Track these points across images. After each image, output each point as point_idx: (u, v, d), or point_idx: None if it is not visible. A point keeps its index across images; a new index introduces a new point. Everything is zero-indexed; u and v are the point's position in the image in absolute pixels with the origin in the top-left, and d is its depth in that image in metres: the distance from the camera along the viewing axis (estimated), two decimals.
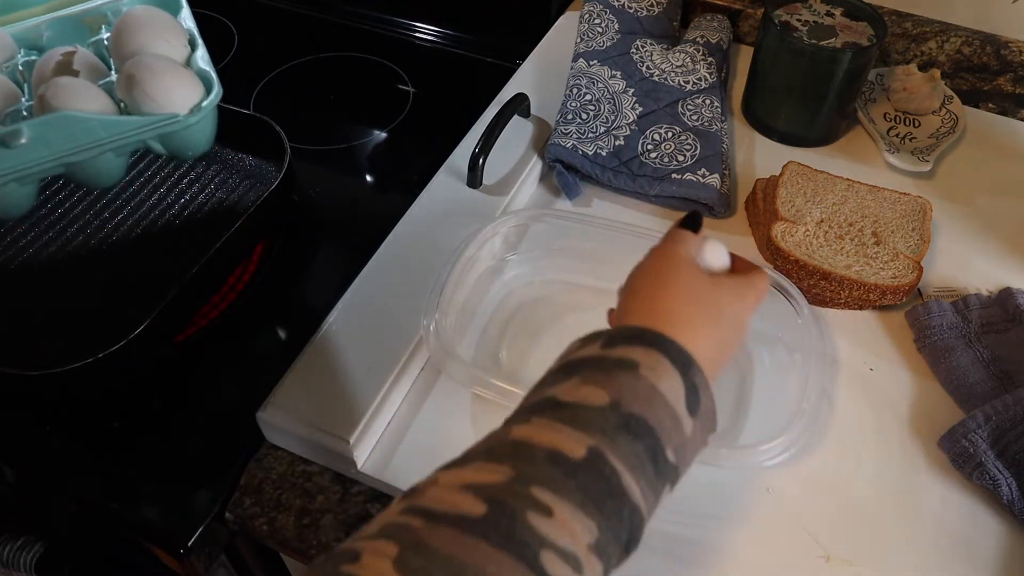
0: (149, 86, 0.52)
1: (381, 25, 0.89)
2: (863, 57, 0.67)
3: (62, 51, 0.56)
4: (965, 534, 0.48)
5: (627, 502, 0.33)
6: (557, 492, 0.32)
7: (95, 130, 0.52)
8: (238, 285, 0.62)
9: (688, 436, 0.36)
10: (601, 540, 0.32)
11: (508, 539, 0.30)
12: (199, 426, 0.55)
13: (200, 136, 0.57)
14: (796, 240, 0.59)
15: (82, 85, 0.53)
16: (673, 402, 0.36)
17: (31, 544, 0.58)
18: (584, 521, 0.32)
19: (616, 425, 0.34)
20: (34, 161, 0.51)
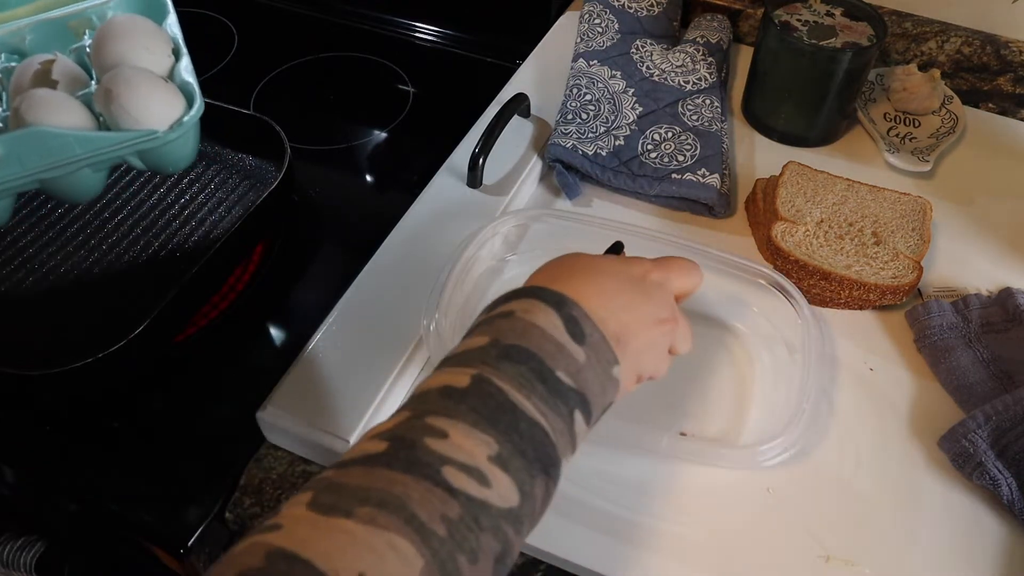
0: (127, 101, 0.50)
1: (381, 25, 0.89)
2: (863, 57, 0.67)
3: (41, 59, 0.55)
4: (965, 534, 0.48)
5: (521, 416, 0.35)
6: (450, 416, 0.34)
7: (70, 146, 0.50)
8: (238, 285, 0.62)
9: (582, 363, 0.37)
10: (503, 453, 0.33)
11: (410, 463, 0.32)
12: (199, 426, 0.55)
13: (181, 152, 0.55)
14: (796, 240, 0.59)
15: (59, 98, 0.51)
16: (551, 331, 0.37)
17: (31, 544, 0.58)
18: (479, 437, 0.33)
19: (497, 356, 0.36)
20: (6, 177, 0.49)
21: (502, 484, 0.33)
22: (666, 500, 0.48)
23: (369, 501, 0.30)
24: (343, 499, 0.30)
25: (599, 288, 0.41)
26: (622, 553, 0.46)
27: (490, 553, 0.32)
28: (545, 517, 0.47)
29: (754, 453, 0.49)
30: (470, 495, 0.32)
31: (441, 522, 0.30)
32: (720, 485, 0.49)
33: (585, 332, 0.38)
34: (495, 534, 0.32)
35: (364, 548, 0.29)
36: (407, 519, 0.30)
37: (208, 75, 0.83)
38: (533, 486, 0.34)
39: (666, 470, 0.50)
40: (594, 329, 0.39)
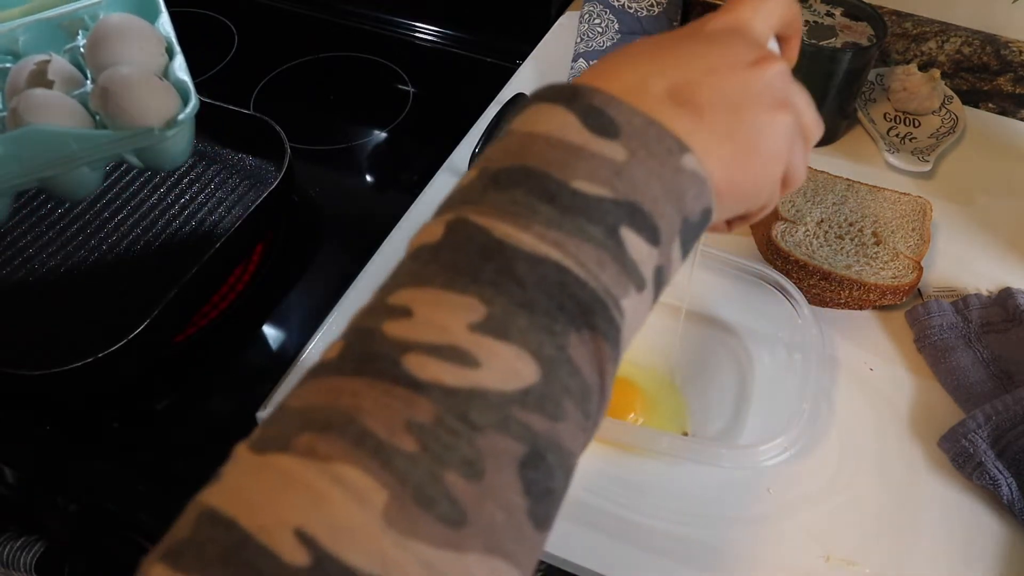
0: (123, 99, 0.51)
1: (381, 25, 0.89)
2: (863, 57, 0.67)
3: (36, 60, 0.55)
4: (965, 534, 0.48)
5: (517, 255, 0.24)
6: (416, 285, 0.24)
7: (68, 144, 0.50)
8: (238, 285, 0.62)
9: (621, 161, 0.26)
10: (494, 314, 0.23)
11: (361, 362, 0.23)
12: (199, 426, 0.55)
13: (176, 149, 0.56)
14: (796, 240, 0.59)
15: (55, 98, 0.52)
16: (560, 134, 0.26)
17: (31, 544, 0.58)
18: (455, 301, 0.23)
19: (482, 188, 0.26)
20: (5, 176, 0.50)
21: (500, 357, 0.23)
22: (666, 500, 0.48)
23: (310, 424, 0.22)
24: (282, 428, 0.23)
25: (633, 58, 0.29)
26: (622, 553, 0.46)
27: (504, 458, 0.22)
28: None
29: (754, 453, 0.49)
30: (446, 386, 0.22)
31: (407, 432, 0.21)
32: (720, 485, 0.49)
33: (616, 120, 0.26)
34: (504, 429, 0.22)
35: (301, 491, 0.21)
36: (357, 439, 0.21)
37: (208, 75, 0.83)
38: (564, 348, 0.24)
39: (666, 470, 0.50)
40: (632, 113, 0.27)
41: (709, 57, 0.29)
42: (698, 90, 0.28)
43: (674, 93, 0.28)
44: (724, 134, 0.28)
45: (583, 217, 0.25)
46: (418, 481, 0.21)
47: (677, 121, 0.27)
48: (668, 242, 0.27)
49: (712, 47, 0.30)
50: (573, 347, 0.24)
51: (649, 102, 0.27)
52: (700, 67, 0.29)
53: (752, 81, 0.29)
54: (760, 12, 0.32)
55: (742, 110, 0.29)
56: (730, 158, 0.28)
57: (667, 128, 0.27)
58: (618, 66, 0.29)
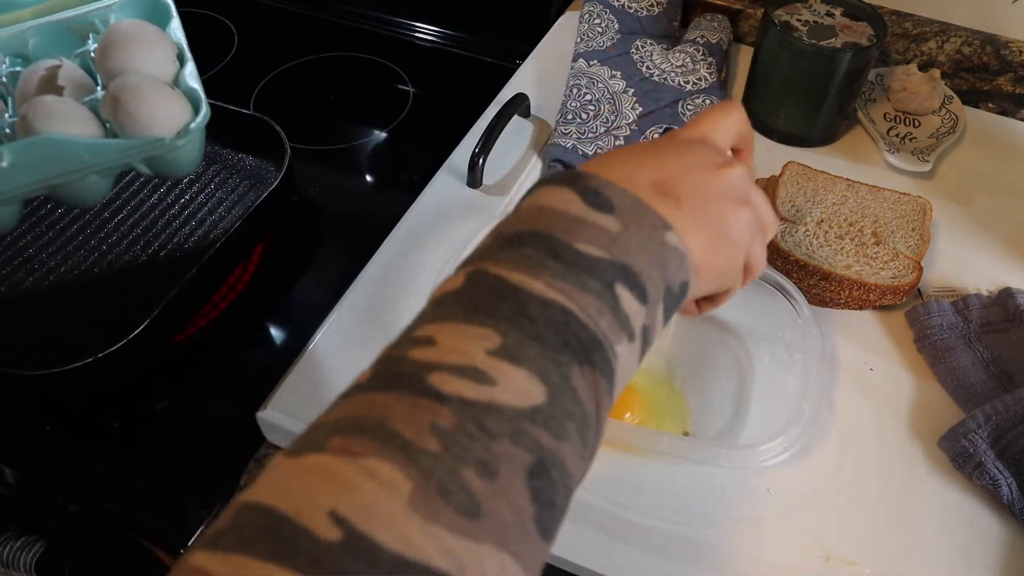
0: (134, 108, 0.50)
1: (381, 25, 0.89)
2: (863, 57, 0.67)
3: (47, 65, 0.55)
4: (965, 534, 0.48)
5: (528, 298, 0.28)
6: (439, 321, 0.28)
7: (79, 153, 0.50)
8: (238, 285, 0.62)
9: (616, 231, 0.31)
10: (508, 344, 0.27)
11: (390, 380, 0.27)
12: (199, 426, 0.55)
13: (187, 158, 0.55)
14: (796, 240, 0.59)
15: (66, 105, 0.52)
16: (564, 208, 0.31)
17: (31, 544, 0.58)
18: (475, 332, 0.27)
19: (498, 247, 0.31)
20: (16, 184, 0.50)
21: (514, 379, 0.26)
22: (666, 500, 0.48)
23: (342, 430, 0.25)
24: (317, 435, 0.26)
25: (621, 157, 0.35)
26: (622, 553, 0.46)
27: (515, 465, 0.25)
28: None
29: (754, 453, 0.49)
30: (466, 399, 0.26)
31: (432, 434, 0.25)
32: (720, 485, 0.49)
33: (612, 200, 0.31)
34: (515, 440, 0.25)
35: (336, 481, 0.24)
36: (386, 439, 0.24)
37: (208, 75, 0.83)
38: (568, 377, 0.27)
39: (666, 470, 0.50)
40: (623, 195, 0.32)
41: (683, 159, 0.35)
42: (677, 184, 0.34)
43: (657, 185, 0.33)
44: (699, 221, 0.34)
45: (585, 273, 0.29)
46: (440, 475, 0.24)
47: (661, 206, 0.33)
48: (654, 303, 0.31)
49: (685, 152, 0.36)
50: (575, 378, 0.28)
51: (637, 189, 0.33)
52: (677, 166, 0.35)
53: (719, 180, 0.35)
54: (719, 128, 0.39)
55: (711, 203, 0.34)
56: (704, 241, 0.34)
57: (653, 209, 0.32)
58: (609, 162, 0.34)
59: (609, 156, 0.35)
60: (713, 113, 0.40)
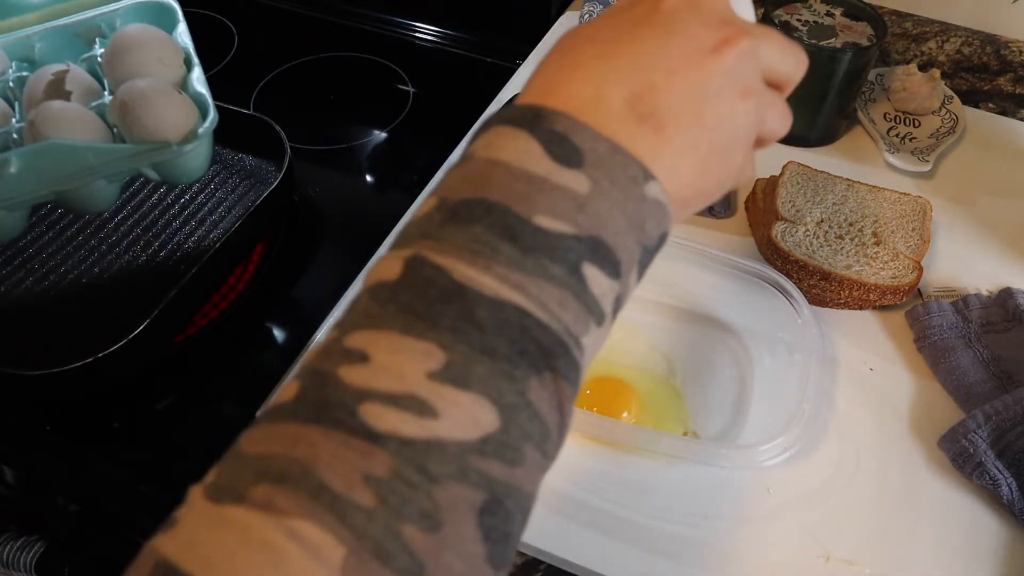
0: (142, 113, 0.50)
1: (381, 25, 0.89)
2: (863, 57, 0.67)
3: (54, 70, 0.55)
4: (965, 534, 0.48)
5: (478, 300, 0.24)
6: (374, 327, 0.24)
7: (86, 159, 0.50)
8: (238, 285, 0.62)
9: (584, 193, 0.25)
10: (454, 362, 0.23)
11: (318, 409, 0.23)
12: (199, 426, 0.55)
13: (194, 163, 0.55)
14: (796, 240, 0.59)
15: (73, 110, 0.52)
16: (522, 163, 0.25)
17: (31, 544, 0.58)
18: (414, 348, 0.23)
19: (440, 222, 0.25)
20: (23, 190, 0.50)
21: (459, 406, 0.23)
22: (666, 500, 0.48)
23: (267, 475, 0.22)
24: (239, 476, 0.22)
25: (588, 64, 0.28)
26: (622, 553, 0.46)
27: (463, 508, 0.22)
28: (545, 517, 0.47)
29: (754, 453, 0.49)
30: (404, 437, 0.22)
31: (365, 485, 0.21)
32: (720, 485, 0.49)
33: (581, 148, 0.26)
34: (462, 479, 0.22)
35: (257, 547, 0.21)
36: (313, 492, 0.21)
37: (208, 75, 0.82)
38: (525, 392, 0.24)
39: (666, 470, 0.50)
40: (596, 139, 0.26)
41: (667, 51, 0.28)
42: (659, 95, 0.27)
43: (634, 103, 0.27)
44: (688, 146, 0.28)
45: (545, 256, 0.25)
46: (376, 536, 0.21)
47: (640, 142, 0.27)
48: (627, 272, 0.27)
49: (671, 37, 0.28)
50: (533, 391, 0.24)
51: (610, 120, 0.26)
52: (659, 67, 0.27)
53: (714, 73, 0.28)
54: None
55: (705, 110, 0.28)
56: (693, 169, 0.28)
57: (631, 154, 0.26)
58: (573, 72, 0.28)
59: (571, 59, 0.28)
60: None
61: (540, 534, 0.46)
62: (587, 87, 0.27)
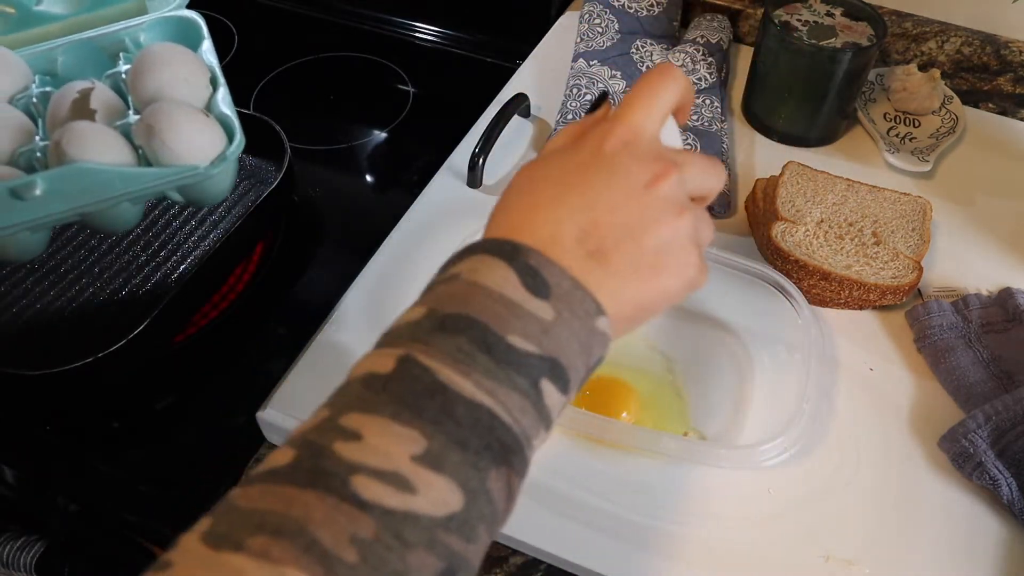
0: (168, 137, 0.50)
1: (381, 25, 0.89)
2: (863, 57, 0.67)
3: (79, 87, 0.54)
4: (965, 534, 0.48)
5: (457, 399, 0.28)
6: (367, 411, 0.28)
7: (112, 182, 0.49)
8: (238, 285, 0.62)
9: (549, 320, 0.30)
10: (433, 449, 0.27)
11: (313, 476, 0.26)
12: (199, 426, 0.55)
13: (219, 187, 0.55)
14: (796, 240, 0.59)
15: (99, 131, 0.51)
16: (501, 289, 0.30)
17: (31, 544, 0.58)
18: (401, 432, 0.27)
19: (429, 329, 0.30)
20: (49, 212, 0.49)
21: (434, 487, 0.27)
22: (666, 500, 0.48)
23: (264, 528, 0.25)
24: (236, 527, 0.26)
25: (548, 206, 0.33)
26: (622, 553, 0.46)
27: (427, 573, 0.26)
28: (545, 517, 0.47)
29: (754, 453, 0.49)
30: (387, 507, 0.26)
31: (351, 545, 0.25)
32: (720, 485, 0.49)
33: (549, 282, 0.31)
34: (430, 548, 0.26)
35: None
36: (306, 547, 0.25)
37: None
38: (485, 481, 0.28)
39: (666, 470, 0.50)
40: (560, 275, 0.31)
41: (610, 191, 0.33)
42: (605, 233, 0.32)
43: (584, 240, 0.32)
44: (630, 271, 0.33)
45: (513, 369, 0.29)
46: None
47: (590, 275, 0.32)
48: (573, 389, 0.32)
49: (612, 178, 0.33)
50: (492, 480, 0.28)
51: (566, 256, 0.32)
52: (603, 206, 0.33)
53: (650, 203, 0.33)
54: (654, 110, 0.35)
55: (644, 237, 0.33)
56: (636, 289, 0.33)
57: (587, 290, 0.31)
58: (535, 212, 0.33)
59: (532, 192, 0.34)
60: (646, 90, 0.35)
61: (540, 534, 0.46)
62: (546, 226, 0.32)
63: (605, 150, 0.34)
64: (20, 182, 0.47)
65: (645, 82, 0.36)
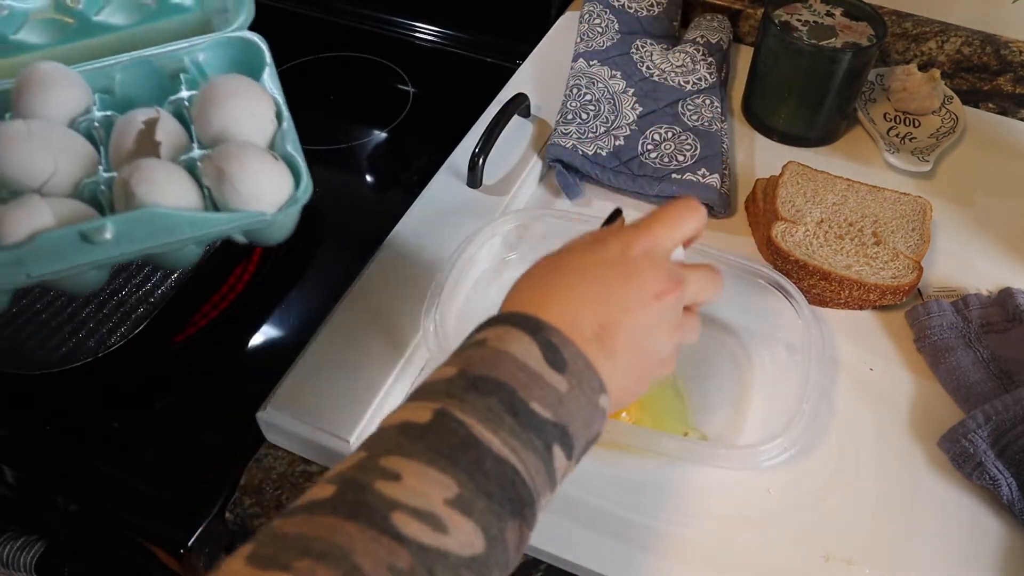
0: (239, 182, 0.49)
1: (381, 25, 0.89)
2: (863, 57, 0.68)
3: (143, 116, 0.53)
4: (965, 534, 0.48)
5: (487, 453, 0.32)
6: (406, 456, 0.31)
7: (181, 227, 0.49)
8: (238, 285, 0.62)
9: (564, 392, 0.34)
10: (464, 495, 0.31)
11: (356, 508, 0.29)
12: (199, 426, 0.55)
13: (284, 230, 0.54)
14: (796, 240, 0.59)
15: (167, 171, 0.50)
16: (525, 359, 0.34)
17: (31, 544, 0.58)
18: (437, 477, 0.31)
19: (463, 387, 0.34)
20: (115, 253, 0.48)
21: (463, 530, 0.30)
22: (666, 500, 0.48)
23: (310, 552, 0.28)
24: (282, 550, 0.28)
25: (570, 292, 0.38)
26: (622, 553, 0.46)
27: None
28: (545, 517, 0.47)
29: (754, 453, 0.49)
30: (422, 543, 0.29)
31: (388, 574, 0.28)
32: (720, 485, 0.49)
33: (566, 359, 0.35)
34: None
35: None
36: (348, 571, 0.27)
37: None
38: (503, 530, 0.31)
39: (666, 470, 0.50)
40: (577, 355, 0.35)
41: (626, 293, 0.38)
42: (616, 331, 0.37)
43: (600, 333, 0.37)
44: (630, 367, 0.38)
45: (534, 433, 0.33)
46: None
47: (600, 362, 0.36)
48: (576, 458, 0.36)
49: (630, 283, 0.38)
50: (508, 531, 0.32)
51: (583, 341, 0.36)
52: (619, 306, 0.37)
53: (655, 312, 0.38)
54: (673, 236, 0.41)
55: (646, 341, 0.38)
56: (630, 381, 0.38)
57: (596, 371, 0.36)
58: (559, 297, 0.37)
59: (556, 279, 0.38)
60: (674, 214, 0.41)
61: (540, 534, 0.46)
62: (568, 310, 0.37)
63: (629, 254, 0.39)
64: (90, 226, 0.46)
65: (674, 208, 0.41)
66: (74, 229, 0.46)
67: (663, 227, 0.40)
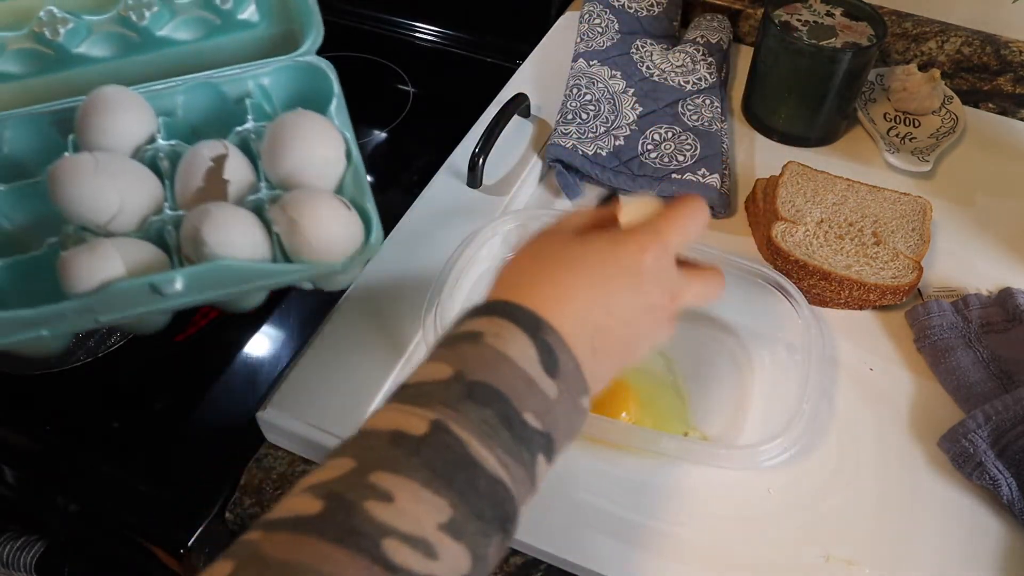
0: (311, 235, 0.48)
1: (381, 25, 0.89)
2: (863, 57, 0.68)
3: (211, 152, 0.51)
4: (965, 534, 0.48)
5: (481, 473, 0.31)
6: (399, 473, 0.30)
7: (250, 277, 0.48)
8: None
9: (554, 399, 0.34)
10: (457, 519, 0.30)
11: (345, 533, 0.28)
12: (199, 426, 0.55)
13: (351, 276, 0.53)
14: (796, 240, 0.60)
15: (237, 218, 0.48)
16: (524, 364, 0.34)
17: (31, 544, 0.58)
18: (431, 500, 0.30)
19: (460, 395, 0.32)
20: (182, 301, 0.48)
21: (452, 554, 0.29)
22: (666, 500, 0.48)
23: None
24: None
25: (576, 294, 0.37)
26: (622, 553, 0.46)
27: None
28: (545, 517, 0.47)
29: (754, 453, 0.49)
30: (412, 571, 0.28)
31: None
32: (720, 485, 0.49)
33: (559, 362, 0.34)
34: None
35: None
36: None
37: None
38: (488, 547, 0.31)
39: (666, 470, 0.50)
40: (569, 357, 0.35)
41: (631, 307, 0.38)
42: (611, 340, 0.37)
43: (595, 337, 0.36)
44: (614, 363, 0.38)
45: (524, 445, 0.33)
46: None
47: (586, 362, 0.36)
48: (555, 461, 0.35)
49: (636, 291, 0.38)
50: (492, 547, 0.31)
51: (578, 343, 0.35)
52: (619, 316, 0.37)
53: (651, 321, 0.39)
54: (682, 239, 0.40)
55: (632, 344, 0.38)
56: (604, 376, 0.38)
57: (583, 374, 0.35)
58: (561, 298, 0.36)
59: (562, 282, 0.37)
60: (684, 213, 0.40)
61: (540, 534, 0.46)
62: (570, 313, 0.36)
63: (643, 261, 0.38)
64: (162, 278, 0.45)
65: (683, 209, 0.40)
66: (145, 280, 0.45)
67: (674, 232, 0.40)
